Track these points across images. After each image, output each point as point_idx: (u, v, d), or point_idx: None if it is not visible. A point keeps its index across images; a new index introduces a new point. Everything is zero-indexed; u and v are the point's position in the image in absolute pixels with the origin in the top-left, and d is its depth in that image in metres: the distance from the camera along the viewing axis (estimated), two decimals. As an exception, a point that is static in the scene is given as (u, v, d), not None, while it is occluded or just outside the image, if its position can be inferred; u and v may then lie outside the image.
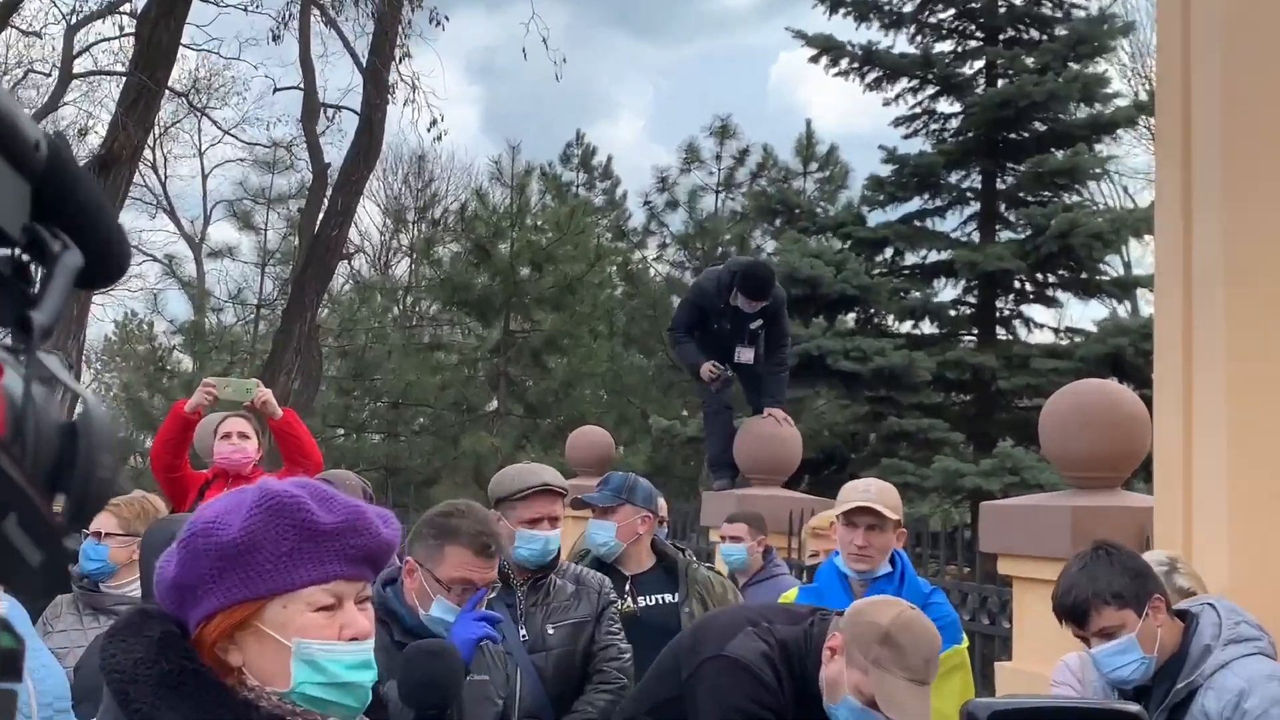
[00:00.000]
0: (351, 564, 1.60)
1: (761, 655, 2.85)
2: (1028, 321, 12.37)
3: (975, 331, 12.05)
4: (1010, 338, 12.07)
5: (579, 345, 16.92)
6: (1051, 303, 12.51)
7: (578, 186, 23.51)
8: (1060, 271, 11.75)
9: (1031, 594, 5.08)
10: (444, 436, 17.72)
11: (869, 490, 3.88)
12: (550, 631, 3.64)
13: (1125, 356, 10.40)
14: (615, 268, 20.00)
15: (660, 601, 4.23)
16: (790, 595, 4.02)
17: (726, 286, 7.54)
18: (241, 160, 25.90)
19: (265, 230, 21.11)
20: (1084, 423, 4.95)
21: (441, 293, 17.72)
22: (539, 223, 17.99)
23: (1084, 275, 11.68)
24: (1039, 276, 11.85)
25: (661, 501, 5.86)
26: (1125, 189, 30.10)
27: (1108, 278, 12.11)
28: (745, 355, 7.73)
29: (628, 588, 4.22)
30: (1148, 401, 10.50)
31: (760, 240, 20.28)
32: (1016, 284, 11.80)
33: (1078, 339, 11.71)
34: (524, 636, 3.60)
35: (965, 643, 3.85)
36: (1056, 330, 12.92)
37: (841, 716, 2.78)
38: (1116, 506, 4.89)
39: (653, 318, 18.30)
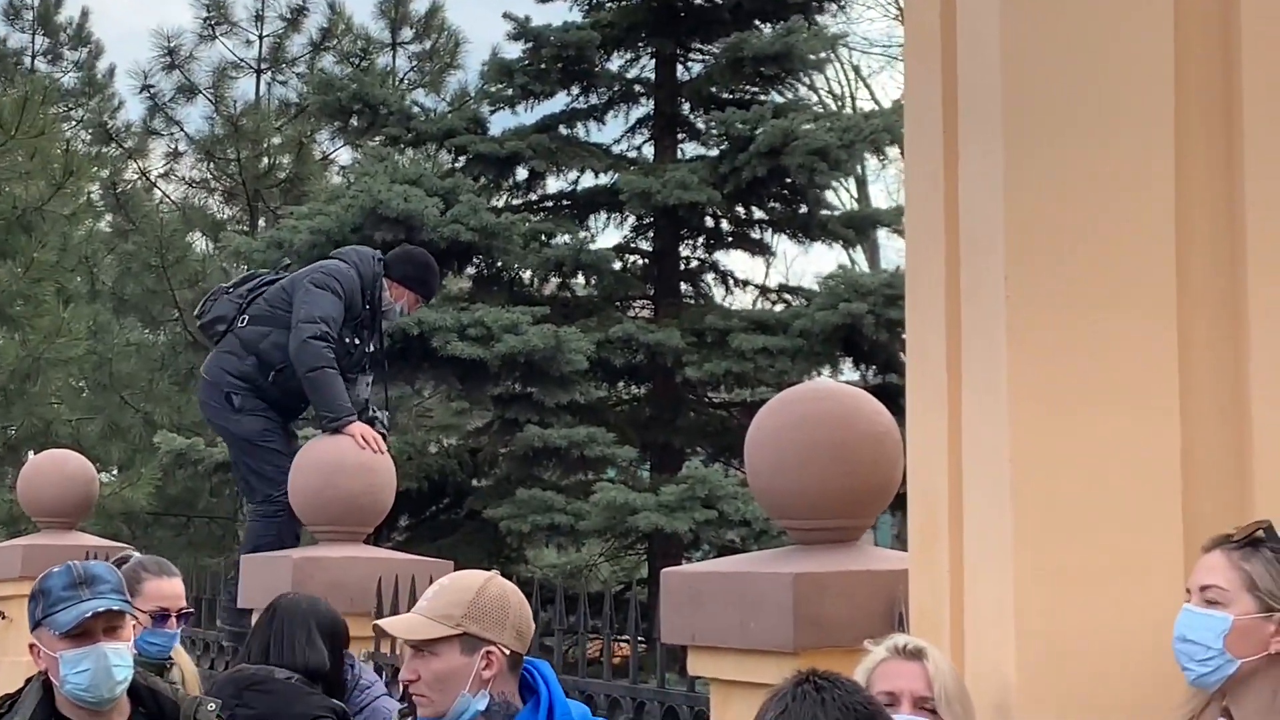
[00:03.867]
0: None
1: None
2: (725, 277, 12.78)
3: (651, 293, 12.32)
4: (700, 302, 12.41)
5: (39, 313, 16.24)
6: (758, 248, 12.95)
7: (34, 57, 22.56)
8: (771, 204, 12.17)
9: (739, 704, 5.17)
10: None
11: (427, 594, 3.87)
12: None
13: (863, 328, 10.89)
14: (97, 188, 19.35)
15: None
16: None
17: (374, 279, 7.73)
18: None
19: None
20: (806, 450, 5.06)
21: None
22: (-31, 118, 17.11)
23: (803, 209, 12.14)
24: (739, 210, 12.24)
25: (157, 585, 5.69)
26: (857, 70, 31.65)
27: (836, 213, 12.63)
28: (364, 390, 8.03)
29: None
30: (896, 398, 11.01)
31: (329, 146, 20.07)
32: (709, 222, 12.14)
33: (796, 303, 12.18)
34: None
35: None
36: (765, 290, 13.41)
37: None
38: (857, 572, 5.03)
39: (159, 269, 17.80)
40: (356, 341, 7.84)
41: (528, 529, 10.47)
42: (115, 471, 17.95)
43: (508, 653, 3.77)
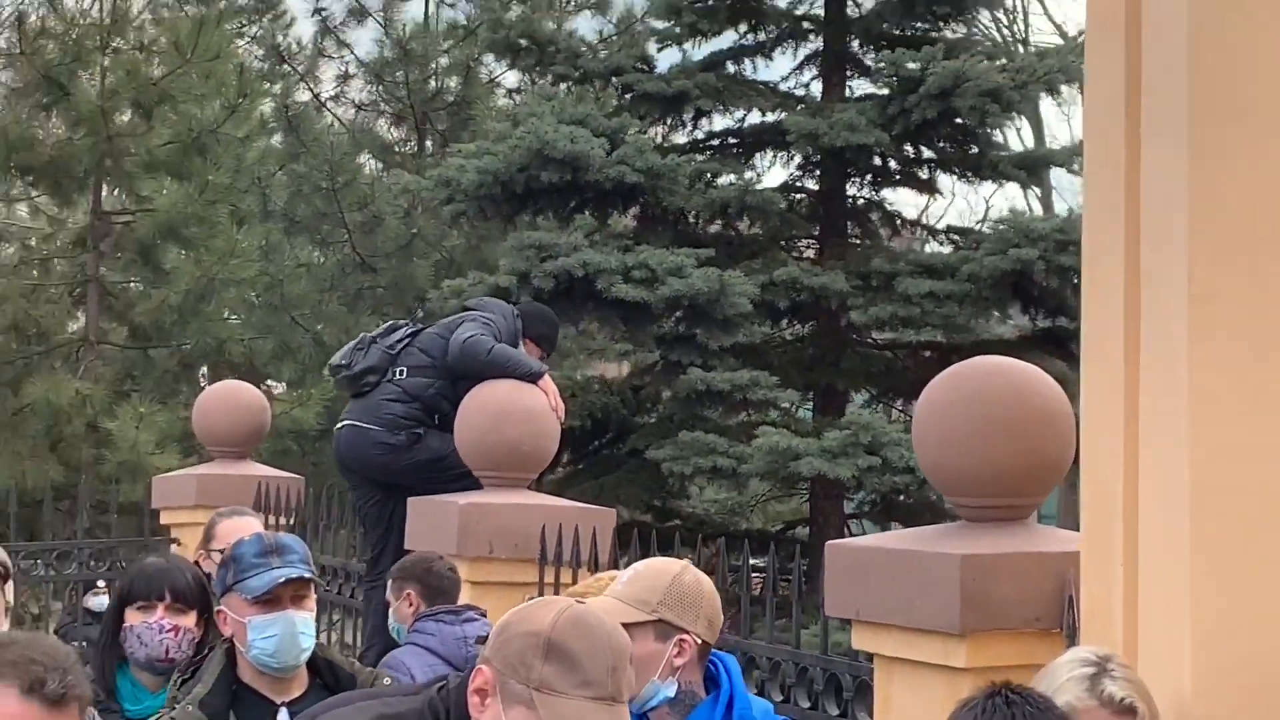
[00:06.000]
0: None
1: None
2: (892, 218, 12.62)
3: (816, 233, 12.21)
4: (866, 243, 12.28)
5: (214, 234, 16.50)
6: (926, 187, 12.78)
7: (209, -29, 22.70)
8: (940, 144, 11.99)
9: (902, 682, 5.15)
10: (-2, 379, 17.11)
11: (620, 578, 3.89)
12: None
13: (1033, 274, 10.72)
14: (269, 108, 19.54)
15: None
16: None
17: (515, 336, 8.06)
18: None
19: None
20: (975, 426, 4.99)
21: (-9, 152, 16.89)
22: (146, 41, 17.36)
23: (973, 149, 11.95)
24: (907, 150, 12.08)
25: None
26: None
27: (1006, 153, 12.39)
28: None
29: None
30: (1066, 342, 10.75)
31: (496, 69, 20.07)
32: (876, 160, 11.99)
33: (964, 245, 12.00)
34: None
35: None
36: (933, 230, 13.22)
37: None
38: (1026, 554, 4.97)
39: (329, 191, 17.96)
40: None
41: (689, 471, 10.50)
42: (284, 386, 18.24)
43: (699, 642, 3.78)
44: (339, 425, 8.51)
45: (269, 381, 18.01)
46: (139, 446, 14.57)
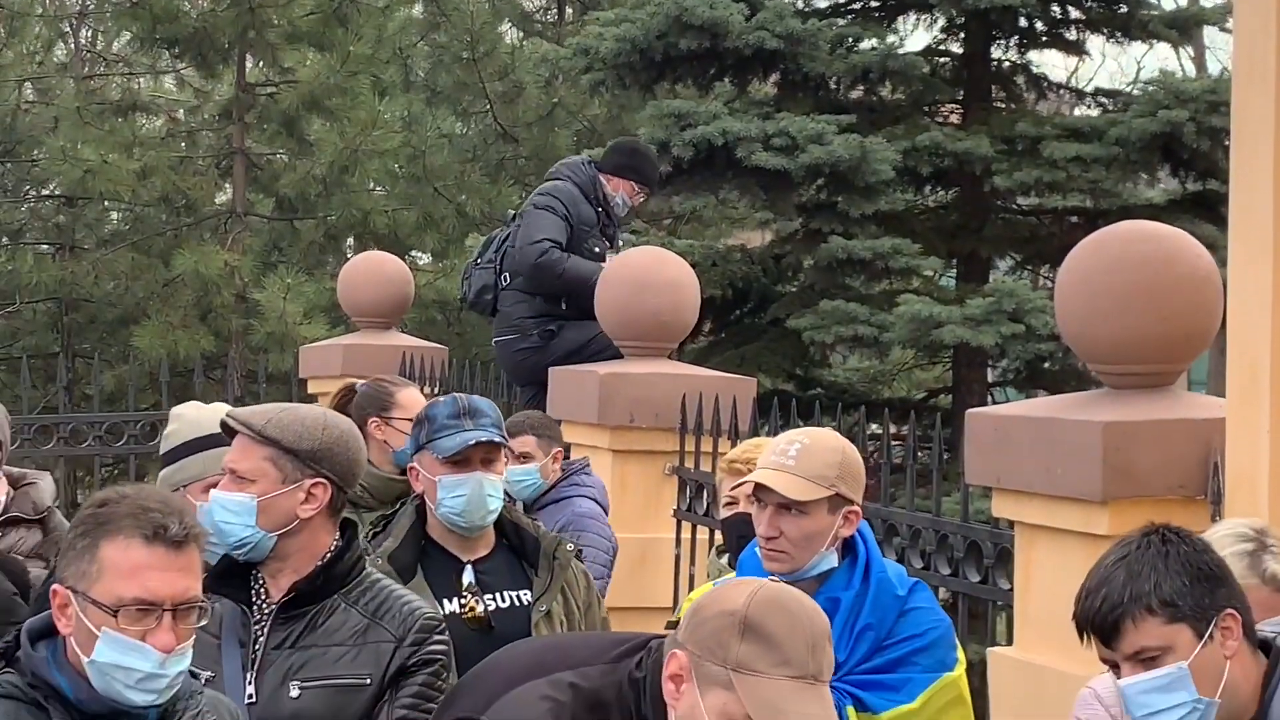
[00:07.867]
0: None
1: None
2: (1038, 80, 12.40)
3: (960, 96, 12.05)
4: (1011, 106, 12.10)
5: (356, 105, 16.56)
6: (1073, 49, 12.54)
7: None
8: (1089, 3, 11.75)
9: (1042, 549, 5.16)
10: (148, 250, 17.40)
11: (787, 451, 3.86)
12: (294, 694, 3.49)
13: (1183, 136, 10.51)
14: (410, -27, 19.52)
15: (516, 602, 4.23)
16: (699, 592, 4.02)
17: (591, 181, 8.10)
18: None
19: None
20: (1120, 293, 4.94)
21: (136, 24, 17.05)
22: (286, -92, 17.37)
23: (1121, 8, 11.70)
24: (1054, 9, 11.84)
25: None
26: None
27: (1157, 13, 12.10)
28: None
29: (469, 580, 4.21)
30: (1217, 206, 10.60)
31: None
32: (1022, 22, 11.78)
33: (1112, 109, 11.80)
34: (250, 698, 3.47)
35: (961, 667, 3.92)
36: (1080, 92, 12.99)
37: None
38: (1170, 421, 4.92)
39: (469, 61, 17.95)
40: (606, 244, 8.20)
41: (830, 339, 10.50)
42: (428, 257, 18.36)
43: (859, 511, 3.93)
44: None
45: (413, 252, 18.17)
46: (286, 317, 14.77)
